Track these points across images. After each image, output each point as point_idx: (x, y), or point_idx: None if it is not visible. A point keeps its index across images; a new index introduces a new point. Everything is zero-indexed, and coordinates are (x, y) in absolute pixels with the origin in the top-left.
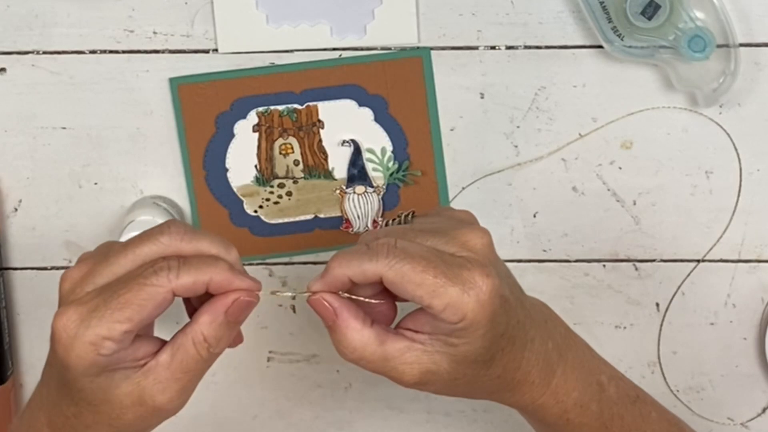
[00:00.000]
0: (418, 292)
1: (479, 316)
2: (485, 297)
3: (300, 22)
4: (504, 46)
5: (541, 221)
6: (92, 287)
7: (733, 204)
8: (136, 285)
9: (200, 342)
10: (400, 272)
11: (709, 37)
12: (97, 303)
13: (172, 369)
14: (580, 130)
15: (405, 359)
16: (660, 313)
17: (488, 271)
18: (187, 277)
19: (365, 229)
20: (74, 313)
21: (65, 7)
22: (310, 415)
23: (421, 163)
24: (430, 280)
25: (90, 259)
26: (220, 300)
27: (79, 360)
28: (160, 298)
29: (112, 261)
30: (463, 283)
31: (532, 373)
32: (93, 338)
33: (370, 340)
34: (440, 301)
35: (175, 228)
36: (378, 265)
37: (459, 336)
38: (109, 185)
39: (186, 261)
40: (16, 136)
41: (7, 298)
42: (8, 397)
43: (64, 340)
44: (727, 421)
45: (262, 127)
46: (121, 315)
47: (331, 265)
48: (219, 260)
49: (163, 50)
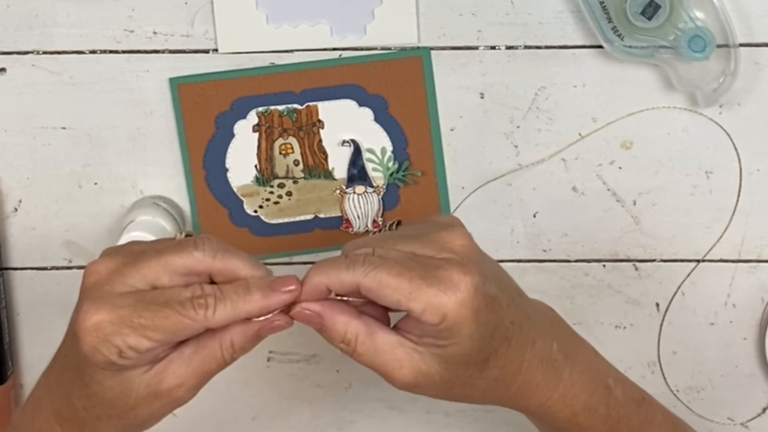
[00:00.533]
0: (395, 297)
1: (461, 315)
2: (465, 295)
3: (300, 22)
4: (504, 46)
5: (541, 221)
6: (124, 288)
7: (733, 204)
8: (173, 314)
9: (227, 348)
10: (375, 279)
11: (709, 37)
12: (129, 313)
13: (192, 365)
14: (580, 130)
15: (396, 355)
16: (660, 313)
17: (467, 269)
18: (224, 315)
19: (365, 229)
20: (106, 315)
21: (65, 7)
22: (310, 415)
23: (421, 163)
24: (405, 284)
25: (117, 255)
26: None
27: (101, 358)
28: (192, 330)
29: (143, 266)
30: (439, 283)
31: (535, 375)
32: (120, 345)
33: (360, 330)
34: (418, 304)
35: (209, 245)
36: (355, 273)
37: (445, 337)
38: (109, 185)
39: (222, 297)
40: (16, 136)
41: (7, 298)
42: (8, 397)
43: (92, 338)
44: (727, 421)
45: (262, 127)
46: (153, 335)
47: (310, 275)
48: (252, 289)
49: (163, 50)
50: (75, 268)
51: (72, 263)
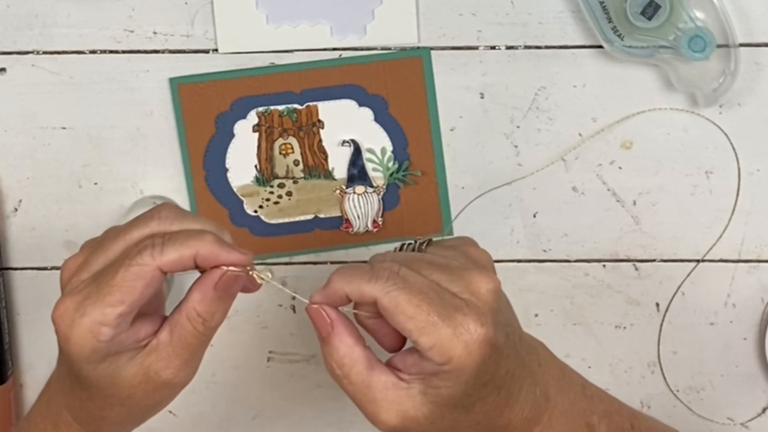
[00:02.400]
0: (409, 326)
1: (466, 362)
2: (474, 345)
3: (300, 22)
4: (504, 46)
5: (541, 221)
6: (87, 275)
7: (732, 204)
8: (122, 267)
9: (194, 318)
10: (394, 301)
11: (709, 37)
12: (89, 290)
13: (172, 346)
14: (580, 130)
15: (387, 396)
16: (660, 313)
17: (484, 319)
18: (172, 252)
19: (365, 230)
20: (70, 302)
21: (65, 7)
22: (310, 415)
23: (421, 163)
24: (422, 316)
25: (87, 247)
26: (208, 275)
27: (79, 348)
28: (147, 276)
29: (106, 247)
30: (455, 326)
31: (514, 421)
32: (89, 325)
33: (360, 360)
34: (428, 339)
35: (166, 212)
36: (375, 288)
37: (443, 379)
38: (109, 185)
39: (170, 237)
40: (16, 136)
41: (7, 298)
42: (8, 397)
43: (63, 330)
44: (727, 421)
45: (262, 127)
46: (112, 299)
47: (332, 278)
48: (205, 234)
49: (163, 50)
50: None
51: None
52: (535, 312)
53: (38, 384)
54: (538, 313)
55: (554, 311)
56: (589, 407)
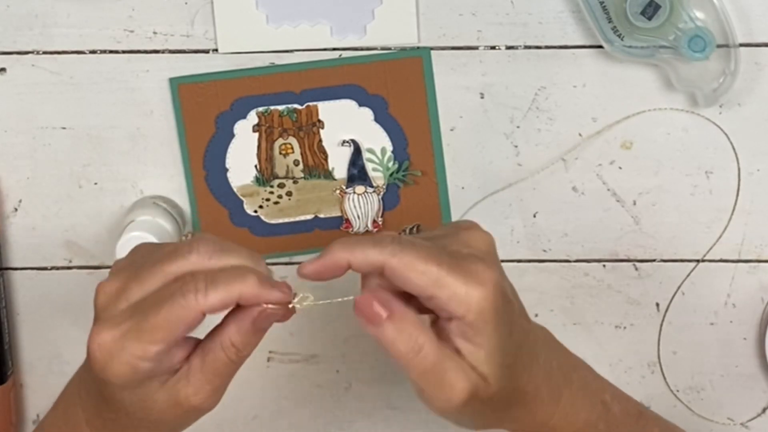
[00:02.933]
0: (422, 281)
1: (484, 307)
2: (489, 288)
3: (300, 22)
4: (504, 46)
5: (541, 221)
6: (125, 304)
7: (732, 204)
8: (165, 307)
9: (228, 348)
10: (403, 260)
11: (709, 37)
12: (129, 325)
13: (204, 372)
14: (580, 130)
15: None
16: (660, 313)
17: (490, 265)
18: (216, 297)
19: (365, 230)
20: (108, 333)
21: (65, 7)
22: (310, 415)
23: (421, 163)
24: (434, 269)
25: (124, 271)
26: (247, 310)
27: (116, 378)
28: (189, 319)
29: (143, 278)
30: (466, 274)
31: (541, 389)
32: (129, 359)
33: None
34: (444, 292)
35: (204, 246)
36: (383, 252)
37: (471, 337)
38: (109, 185)
39: (213, 279)
40: (16, 136)
41: (7, 298)
42: (8, 397)
43: (100, 360)
44: (727, 421)
45: (262, 127)
46: (153, 337)
47: (332, 248)
48: (247, 274)
49: (163, 50)
50: (75, 268)
51: (72, 263)
52: (535, 312)
53: (38, 384)
54: (538, 313)
55: (554, 311)
56: (601, 386)
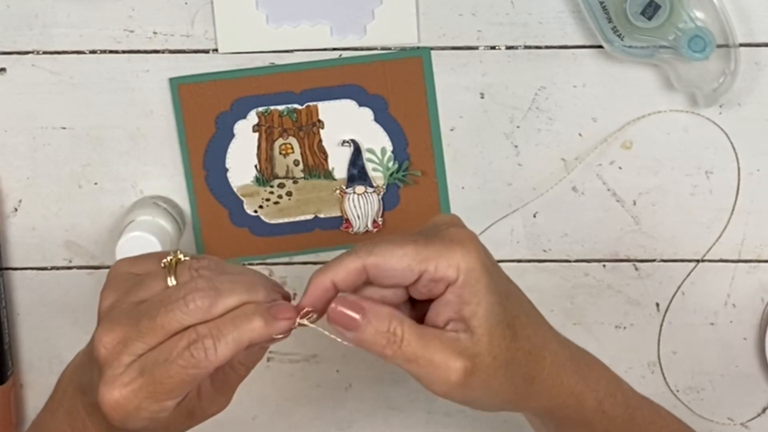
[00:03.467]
0: (405, 262)
1: (472, 264)
2: (471, 246)
3: (300, 22)
4: (504, 46)
5: (541, 221)
6: (130, 358)
7: (732, 204)
8: (176, 369)
9: (239, 368)
10: (381, 252)
11: (709, 37)
12: (140, 384)
13: (215, 388)
14: (580, 130)
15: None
16: (660, 313)
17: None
18: (225, 351)
19: (365, 230)
20: (120, 395)
21: (65, 7)
22: (310, 415)
23: (421, 163)
24: (411, 248)
25: (117, 323)
26: None
27: (136, 427)
28: (203, 375)
29: (143, 334)
30: (444, 241)
31: (559, 355)
32: (148, 415)
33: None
34: (430, 263)
35: (200, 299)
36: (359, 255)
37: (467, 298)
38: (109, 185)
39: (220, 333)
40: (16, 136)
41: (7, 298)
42: (8, 397)
43: (119, 419)
44: (727, 421)
45: (262, 127)
46: (168, 395)
47: (311, 279)
48: (252, 317)
49: (163, 50)
50: (75, 268)
51: (72, 263)
52: None
53: (38, 384)
54: None
55: (554, 311)
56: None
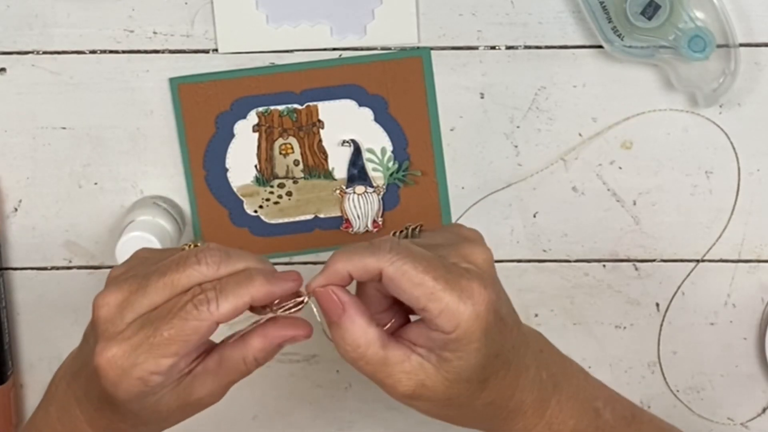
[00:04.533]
0: (416, 292)
1: (473, 327)
2: (481, 308)
3: (300, 22)
4: (504, 46)
5: (541, 221)
6: (132, 317)
7: (732, 204)
8: (177, 320)
9: (251, 362)
10: (400, 269)
11: (709, 37)
12: (140, 339)
13: (218, 377)
14: (580, 130)
15: (404, 368)
16: (660, 313)
17: (486, 284)
18: (227, 305)
19: (365, 230)
20: (118, 349)
21: (65, 7)
22: (310, 415)
23: (421, 163)
24: (429, 281)
25: (124, 282)
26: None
27: (127, 393)
28: (203, 330)
29: (150, 289)
30: (461, 290)
31: (525, 402)
32: (141, 374)
33: (374, 340)
34: (436, 306)
35: (211, 256)
36: (380, 259)
37: (453, 349)
38: (109, 185)
39: (223, 288)
40: (16, 136)
41: (7, 298)
42: (8, 397)
43: (112, 377)
44: (727, 421)
45: (262, 127)
46: (166, 351)
47: (332, 260)
48: (254, 275)
49: (163, 50)
50: (75, 268)
51: (72, 263)
52: (535, 312)
53: (38, 384)
54: (538, 313)
55: (554, 311)
56: (593, 393)
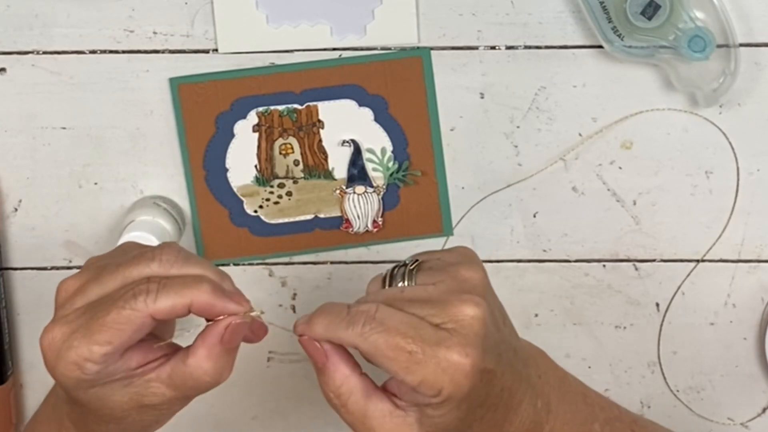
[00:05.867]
0: (392, 367)
1: (455, 392)
2: (461, 376)
3: (300, 22)
4: (504, 46)
5: (541, 221)
6: (81, 303)
7: (732, 204)
8: (114, 308)
9: (202, 376)
10: (373, 345)
11: (709, 37)
12: (79, 324)
13: (172, 387)
14: (580, 130)
15: (384, 424)
16: (660, 313)
17: (469, 349)
18: (166, 301)
19: (365, 229)
20: (59, 331)
21: (65, 7)
22: (310, 415)
23: (421, 163)
24: (403, 356)
25: (85, 271)
26: (213, 329)
27: (64, 377)
28: (138, 322)
29: (103, 280)
30: (438, 361)
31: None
32: (75, 359)
33: (356, 389)
34: (414, 378)
35: (167, 255)
36: (353, 334)
37: (436, 408)
38: (109, 185)
39: (166, 284)
40: (16, 136)
41: (7, 298)
42: (8, 397)
43: (49, 359)
44: (727, 421)
45: (262, 127)
46: (100, 338)
47: (313, 320)
48: (202, 282)
49: (163, 50)
50: (75, 268)
51: (72, 263)
52: (535, 312)
53: (38, 384)
54: (538, 313)
55: (554, 311)
56: (591, 415)
